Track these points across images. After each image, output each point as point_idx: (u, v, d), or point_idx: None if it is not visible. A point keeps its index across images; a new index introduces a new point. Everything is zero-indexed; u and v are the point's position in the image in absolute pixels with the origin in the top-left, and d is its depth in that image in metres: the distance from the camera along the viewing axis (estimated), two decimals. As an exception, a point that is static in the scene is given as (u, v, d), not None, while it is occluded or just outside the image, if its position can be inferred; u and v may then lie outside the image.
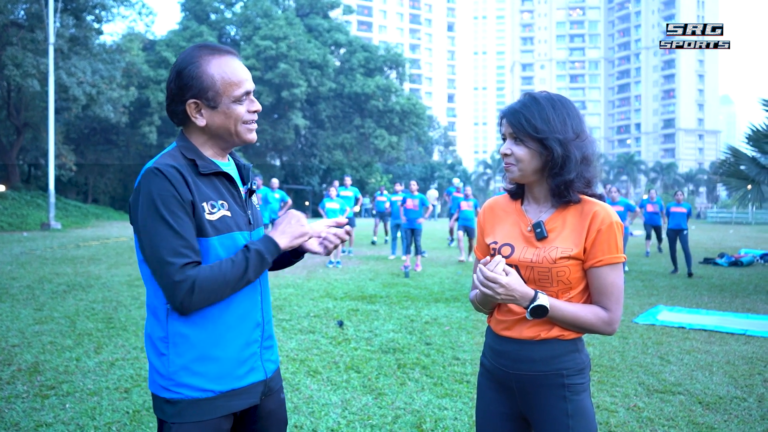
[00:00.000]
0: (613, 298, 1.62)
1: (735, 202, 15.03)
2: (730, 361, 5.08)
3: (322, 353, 5.18)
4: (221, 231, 1.54)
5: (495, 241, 1.75)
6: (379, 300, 7.89)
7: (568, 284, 1.64)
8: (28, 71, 24.75)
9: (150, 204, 1.46)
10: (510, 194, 1.81)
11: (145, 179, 1.49)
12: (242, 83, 1.58)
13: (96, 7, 28.91)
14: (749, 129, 10.59)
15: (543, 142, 1.62)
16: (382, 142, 45.25)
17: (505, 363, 1.71)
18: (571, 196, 1.65)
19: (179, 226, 1.46)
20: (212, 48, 1.59)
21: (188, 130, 1.63)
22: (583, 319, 1.62)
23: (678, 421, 3.70)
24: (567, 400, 1.64)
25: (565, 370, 1.64)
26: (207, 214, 1.53)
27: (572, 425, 1.62)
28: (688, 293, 8.99)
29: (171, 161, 1.52)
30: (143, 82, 36.81)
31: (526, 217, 1.72)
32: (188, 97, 1.55)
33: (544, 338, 1.65)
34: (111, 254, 13.11)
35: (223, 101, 1.56)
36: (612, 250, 1.61)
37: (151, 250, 1.46)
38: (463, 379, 4.47)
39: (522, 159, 1.65)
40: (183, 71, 1.55)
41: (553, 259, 1.62)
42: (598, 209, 1.63)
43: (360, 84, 44.95)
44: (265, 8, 44.47)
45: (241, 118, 1.59)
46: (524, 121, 1.63)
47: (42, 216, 24.11)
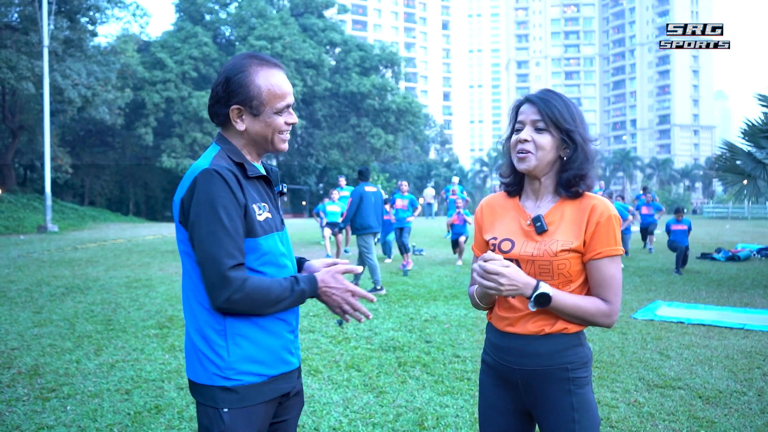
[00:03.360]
0: (612, 290, 1.64)
1: (731, 197, 15.10)
2: (729, 356, 5.10)
3: (322, 352, 5.18)
4: (267, 231, 1.65)
5: (494, 237, 1.76)
6: (378, 299, 7.89)
7: (568, 277, 1.65)
8: (23, 74, 24.68)
9: (208, 204, 1.54)
10: (507, 191, 1.83)
11: (203, 179, 1.56)
12: (286, 96, 1.68)
13: (90, 9, 28.89)
14: (744, 124, 10.61)
15: (570, 134, 1.65)
16: (379, 141, 45.24)
17: (509, 359, 1.72)
18: (579, 187, 1.68)
19: (233, 229, 1.55)
20: (262, 59, 1.68)
21: (227, 133, 1.72)
22: (584, 309, 1.63)
23: (679, 415, 3.71)
24: (572, 394, 1.65)
25: (569, 364, 1.66)
26: (257, 215, 1.63)
27: (578, 418, 1.64)
28: (687, 288, 9.02)
29: (225, 163, 1.61)
30: (138, 84, 36.76)
31: (525, 212, 1.73)
32: (234, 102, 1.64)
33: (548, 333, 1.66)
34: (109, 256, 13.08)
35: (266, 111, 1.66)
36: (611, 242, 1.64)
37: (206, 249, 1.54)
38: (464, 376, 4.48)
39: (544, 147, 1.66)
40: (232, 78, 1.64)
41: (554, 252, 1.63)
42: (597, 202, 1.66)
43: (356, 83, 44.92)
44: (260, 8, 44.39)
45: (279, 129, 1.69)
46: (556, 111, 1.65)
47: (39, 219, 24.05)
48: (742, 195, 11.09)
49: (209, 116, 1.73)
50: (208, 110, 1.72)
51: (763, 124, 10.25)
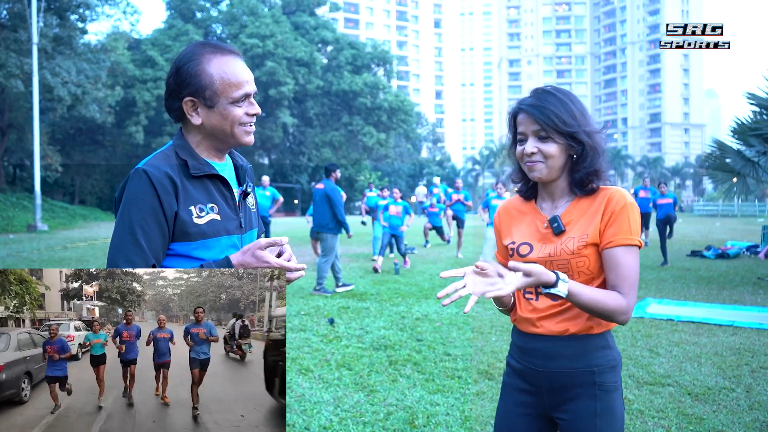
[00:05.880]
0: (628, 282, 1.55)
1: (721, 194, 15.17)
2: (718, 353, 5.13)
3: (313, 351, 5.17)
4: (209, 235, 1.53)
5: (513, 242, 1.72)
6: (370, 297, 7.89)
7: (590, 274, 1.60)
8: (12, 72, 24.49)
9: (126, 206, 1.47)
10: (522, 196, 1.78)
11: (131, 180, 1.49)
12: (242, 85, 1.55)
13: (80, 7, 28.69)
14: (734, 122, 10.66)
15: (574, 136, 1.59)
16: (371, 139, 45.26)
17: (533, 361, 1.67)
18: (593, 183, 1.62)
19: (144, 235, 1.45)
20: (214, 46, 1.57)
21: (186, 128, 1.62)
22: (604, 303, 1.52)
23: (668, 412, 3.73)
24: (597, 399, 1.59)
25: (596, 367, 1.61)
26: (195, 218, 1.51)
27: (599, 425, 1.58)
28: (677, 286, 9.07)
29: (163, 163, 1.51)
30: (129, 82, 36.53)
31: (542, 214, 1.69)
32: (185, 94, 1.54)
33: (572, 333, 1.61)
34: (99, 255, 13.01)
35: (221, 102, 1.54)
36: (625, 230, 1.56)
37: (110, 252, 1.49)
38: (455, 374, 4.49)
39: (552, 155, 1.59)
40: (182, 67, 1.54)
41: (571, 251, 1.59)
42: (613, 192, 1.61)
43: (348, 81, 44.91)
44: (252, 6, 44.27)
45: (238, 120, 1.56)
46: (554, 117, 1.58)
47: (28, 218, 23.90)
48: (732, 193, 11.16)
49: (167, 112, 1.61)
50: (165, 105, 1.61)
51: (753, 123, 10.31)
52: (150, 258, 1.46)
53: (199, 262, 1.53)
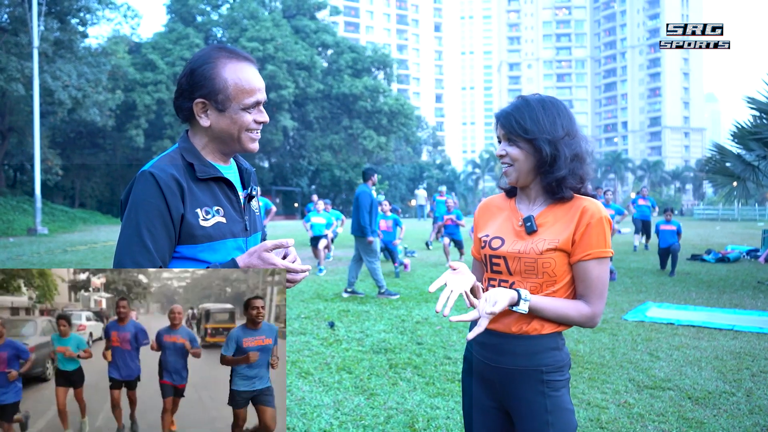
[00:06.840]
0: (597, 293, 1.66)
1: (721, 198, 15.17)
2: (719, 356, 5.13)
3: (313, 354, 5.17)
4: (215, 238, 1.54)
5: (486, 235, 1.80)
6: (370, 300, 7.88)
7: (552, 276, 1.67)
8: (13, 75, 24.51)
9: (133, 209, 1.48)
10: (506, 192, 1.87)
11: (137, 182, 1.50)
12: (255, 92, 1.57)
13: (81, 11, 28.73)
14: (734, 126, 10.68)
15: (533, 143, 1.68)
16: (371, 142, 45.27)
17: (488, 355, 1.75)
18: (563, 193, 1.69)
19: (150, 237, 1.46)
20: (231, 52, 1.59)
21: (192, 129, 1.63)
22: (566, 315, 1.66)
23: (668, 416, 3.73)
24: (546, 396, 1.68)
25: (544, 367, 1.68)
26: (201, 220, 1.53)
27: (551, 421, 1.66)
28: (677, 289, 9.06)
29: (169, 166, 1.52)
30: (129, 85, 36.58)
31: (519, 213, 1.77)
32: (197, 95, 1.55)
33: (526, 332, 1.68)
34: (99, 259, 13.00)
35: (232, 107, 1.55)
36: (600, 244, 1.65)
37: (116, 253, 1.50)
38: (455, 378, 4.48)
39: (516, 158, 1.71)
40: (197, 69, 1.55)
41: (540, 251, 1.66)
42: (588, 204, 1.68)
43: (348, 85, 44.93)
44: (252, 10, 44.34)
45: (246, 126, 1.58)
46: (515, 123, 1.70)
47: (28, 221, 23.88)
48: (732, 197, 11.17)
49: (174, 110, 1.64)
50: (173, 105, 1.63)
51: (753, 127, 10.33)
52: (156, 260, 1.47)
53: (205, 264, 1.54)
